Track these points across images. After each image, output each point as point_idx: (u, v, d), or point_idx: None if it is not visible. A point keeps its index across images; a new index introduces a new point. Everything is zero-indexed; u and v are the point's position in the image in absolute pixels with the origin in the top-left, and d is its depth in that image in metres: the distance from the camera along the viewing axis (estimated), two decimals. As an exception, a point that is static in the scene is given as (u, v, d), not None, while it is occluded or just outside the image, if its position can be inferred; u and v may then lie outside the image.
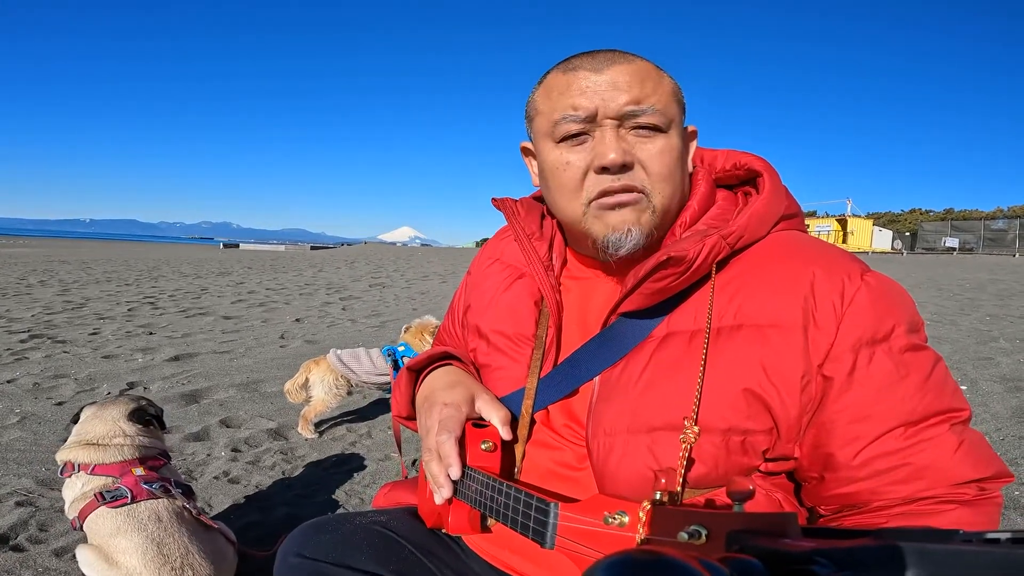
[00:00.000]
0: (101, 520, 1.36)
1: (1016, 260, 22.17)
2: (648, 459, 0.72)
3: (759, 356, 0.71)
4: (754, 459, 0.73)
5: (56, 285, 9.31)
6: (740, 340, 0.72)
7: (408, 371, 0.98)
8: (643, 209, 0.76)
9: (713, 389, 0.71)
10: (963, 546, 0.29)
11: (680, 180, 0.78)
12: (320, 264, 17.83)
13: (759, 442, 0.72)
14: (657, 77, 0.77)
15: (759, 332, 0.71)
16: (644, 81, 0.75)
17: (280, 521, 2.07)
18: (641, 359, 0.76)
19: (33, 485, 2.25)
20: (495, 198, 0.99)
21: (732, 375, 0.71)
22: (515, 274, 0.95)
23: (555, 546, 0.62)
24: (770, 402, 0.70)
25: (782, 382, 0.70)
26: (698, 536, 0.42)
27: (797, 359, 0.70)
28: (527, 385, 0.85)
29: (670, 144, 0.76)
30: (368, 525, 0.92)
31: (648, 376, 0.75)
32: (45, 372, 3.94)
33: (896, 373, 0.69)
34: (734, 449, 0.71)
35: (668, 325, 0.77)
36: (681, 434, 0.70)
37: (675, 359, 0.74)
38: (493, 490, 0.73)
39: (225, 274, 12.99)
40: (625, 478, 0.74)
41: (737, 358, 0.71)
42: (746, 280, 0.75)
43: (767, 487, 0.75)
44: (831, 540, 0.34)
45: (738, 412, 0.71)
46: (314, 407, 2.90)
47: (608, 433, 0.75)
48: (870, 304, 0.71)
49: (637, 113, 0.74)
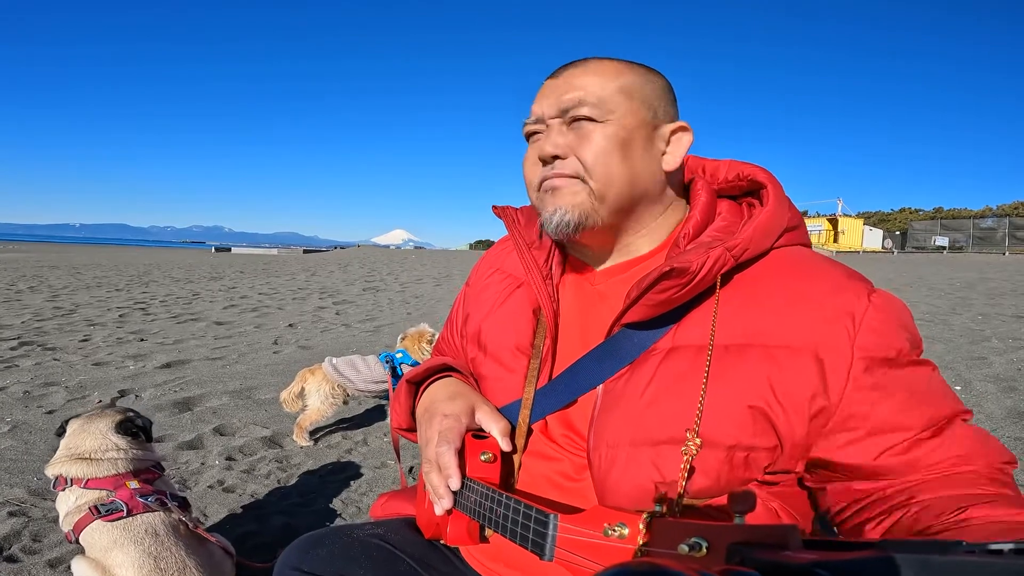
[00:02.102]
0: (97, 534, 1.35)
1: (1006, 258, 22.36)
2: (651, 472, 0.72)
3: (767, 375, 0.71)
4: (756, 473, 0.73)
5: (46, 291, 9.22)
6: (748, 359, 0.72)
7: (407, 383, 0.98)
8: (576, 192, 0.80)
9: (719, 405, 0.71)
10: (966, 557, 0.29)
11: (624, 167, 0.79)
12: (313, 268, 17.77)
13: (762, 458, 0.72)
14: (611, 74, 0.81)
15: (768, 353, 0.72)
16: (587, 78, 0.81)
17: (277, 530, 2.06)
18: (646, 372, 0.76)
19: (25, 495, 2.23)
20: (496, 206, 0.99)
21: (739, 392, 0.71)
22: (514, 284, 0.95)
23: (554, 558, 0.61)
24: (776, 421, 0.71)
25: (790, 402, 0.71)
26: (699, 548, 0.42)
27: (807, 380, 0.71)
28: (524, 396, 0.85)
29: (604, 133, 0.79)
30: (366, 538, 0.91)
31: (653, 389, 0.75)
32: (35, 380, 3.91)
33: (908, 390, 0.72)
34: (737, 464, 0.72)
35: (674, 338, 0.77)
36: (683, 446, 0.70)
37: (681, 373, 0.74)
38: (492, 501, 0.72)
39: (217, 279, 12.93)
40: (627, 491, 0.74)
41: (745, 376, 0.72)
42: (753, 296, 0.76)
43: (763, 496, 0.75)
44: (832, 552, 0.34)
45: (744, 429, 0.71)
46: (309, 416, 2.89)
47: (611, 445, 0.75)
48: (879, 324, 0.72)
49: (570, 107, 0.80)
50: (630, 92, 0.81)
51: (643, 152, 0.81)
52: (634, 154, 0.80)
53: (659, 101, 0.83)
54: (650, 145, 0.82)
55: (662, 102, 0.83)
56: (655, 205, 0.84)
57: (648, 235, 0.85)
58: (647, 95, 0.82)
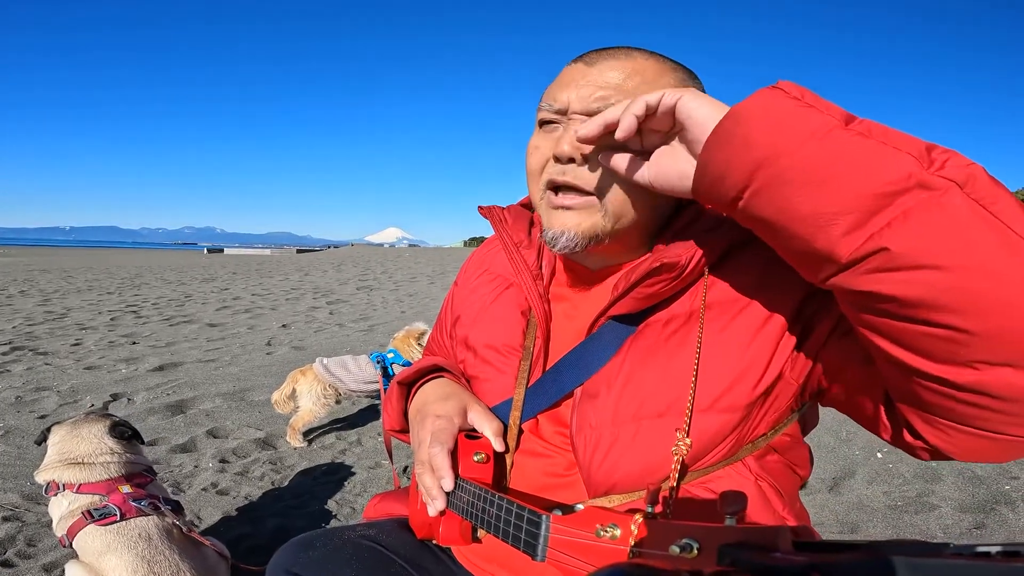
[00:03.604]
0: (90, 538, 1.34)
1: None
2: (637, 449, 0.72)
3: (747, 324, 0.71)
4: (759, 427, 0.73)
5: (37, 295, 9.15)
6: (724, 314, 0.73)
7: (399, 385, 0.98)
8: (590, 215, 0.74)
9: (703, 368, 0.71)
10: (954, 560, 0.29)
11: (649, 191, 0.73)
12: (306, 268, 17.72)
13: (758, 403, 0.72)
14: (654, 76, 0.74)
15: (748, 304, 0.72)
16: (629, 78, 0.73)
17: (271, 532, 2.06)
18: (620, 353, 0.76)
19: (19, 500, 2.22)
20: (482, 206, 0.97)
21: (721, 351, 0.71)
22: (503, 284, 0.95)
23: (546, 559, 0.61)
24: (764, 365, 0.70)
25: (773, 339, 0.70)
26: (690, 550, 0.41)
27: (795, 290, 0.70)
28: (514, 396, 0.85)
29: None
30: (357, 539, 0.91)
31: (628, 368, 0.75)
32: (27, 385, 3.88)
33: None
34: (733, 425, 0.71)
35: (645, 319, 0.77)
36: (673, 446, 0.70)
37: (650, 347, 0.74)
38: (485, 501, 0.72)
39: (209, 280, 12.87)
40: (611, 471, 0.74)
41: (723, 332, 0.72)
42: (739, 279, 0.75)
43: (756, 471, 0.75)
44: (823, 554, 0.34)
45: (733, 386, 0.71)
46: (302, 417, 2.88)
47: (593, 427, 0.75)
48: None
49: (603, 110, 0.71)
50: None
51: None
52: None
53: None
54: None
55: None
56: (661, 213, 0.80)
57: (650, 237, 0.82)
58: None
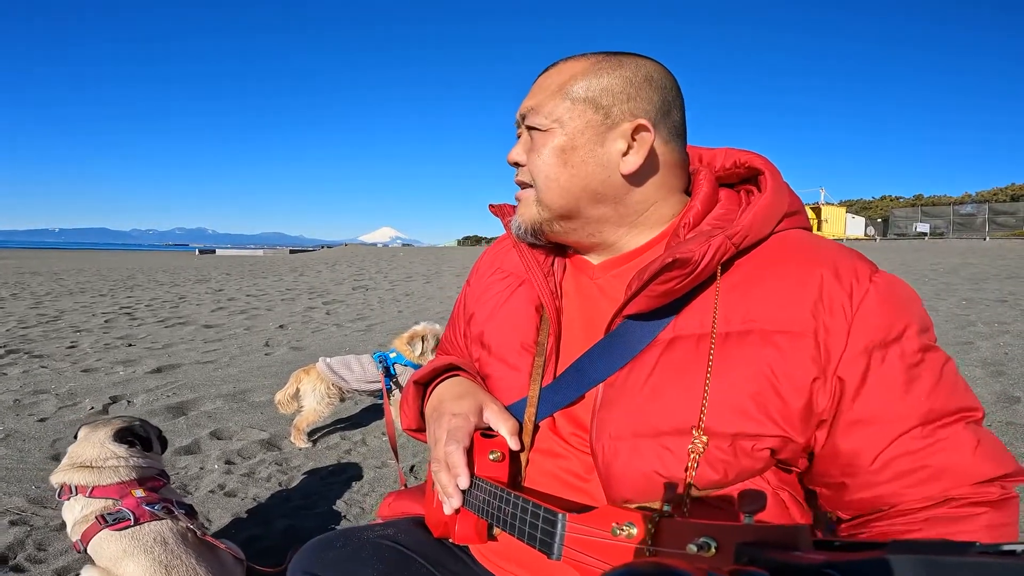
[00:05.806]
0: (106, 543, 1.35)
1: (986, 244, 22.65)
2: (656, 463, 0.72)
3: (768, 361, 0.70)
4: (762, 464, 0.73)
5: (29, 298, 9.07)
6: (749, 345, 0.72)
7: (415, 384, 0.98)
8: (529, 203, 0.85)
9: (721, 394, 0.71)
10: (978, 558, 0.28)
11: (565, 175, 0.81)
12: (301, 268, 17.62)
13: (767, 447, 0.72)
14: (564, 77, 0.81)
15: (768, 338, 0.71)
16: (545, 82, 0.83)
17: (281, 534, 2.07)
18: (647, 363, 0.76)
19: (25, 504, 2.22)
20: (492, 205, 0.99)
21: (740, 380, 0.71)
22: (516, 282, 0.95)
23: (562, 557, 0.61)
24: (779, 408, 0.70)
25: (791, 388, 0.70)
26: (707, 548, 0.42)
27: (807, 364, 0.70)
28: (529, 393, 0.85)
29: (546, 142, 0.81)
30: (376, 539, 0.92)
31: (655, 380, 0.74)
32: (25, 388, 3.87)
33: (909, 374, 0.69)
34: (742, 454, 0.71)
35: (674, 328, 0.76)
36: (690, 444, 0.70)
37: (682, 363, 0.74)
38: (501, 500, 0.73)
39: (203, 281, 12.78)
40: (631, 482, 0.74)
41: (746, 363, 0.71)
42: (754, 282, 0.75)
43: (775, 484, 0.75)
44: (842, 553, 0.34)
45: (746, 418, 0.70)
46: (306, 417, 2.89)
47: (614, 437, 0.75)
48: (879, 306, 0.71)
49: (525, 115, 0.84)
50: (577, 95, 0.79)
51: (589, 156, 0.80)
52: (576, 160, 0.80)
53: (616, 99, 0.79)
54: (598, 149, 0.80)
55: (620, 99, 0.79)
56: (621, 205, 0.82)
57: (633, 230, 0.84)
58: (598, 95, 0.79)
